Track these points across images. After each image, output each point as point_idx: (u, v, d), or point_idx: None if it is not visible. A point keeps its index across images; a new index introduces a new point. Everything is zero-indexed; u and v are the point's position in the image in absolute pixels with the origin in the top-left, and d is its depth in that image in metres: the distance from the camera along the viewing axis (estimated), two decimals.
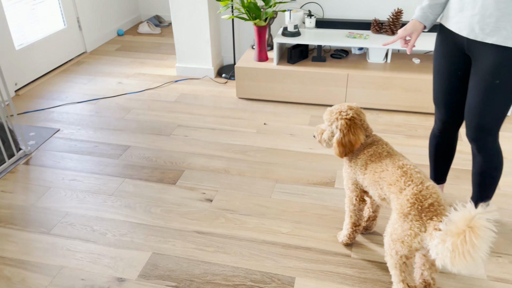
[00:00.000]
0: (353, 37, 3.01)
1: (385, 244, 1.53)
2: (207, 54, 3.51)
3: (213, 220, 2.05)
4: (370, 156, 1.62)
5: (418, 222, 1.38)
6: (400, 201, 1.45)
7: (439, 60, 1.73)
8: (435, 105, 1.85)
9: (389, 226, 1.50)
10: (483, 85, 1.54)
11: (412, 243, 1.40)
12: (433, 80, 1.80)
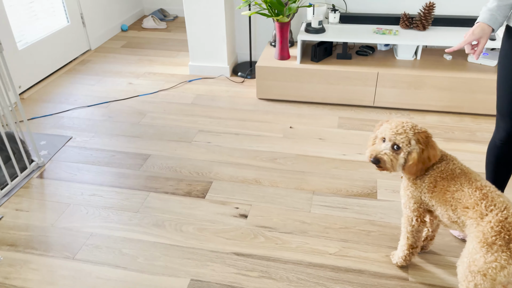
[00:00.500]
0: (382, 33, 2.84)
1: (459, 275, 1.38)
2: (223, 51, 3.31)
3: (252, 240, 1.89)
4: (440, 173, 1.46)
5: (505, 253, 1.23)
6: (481, 228, 1.30)
7: (508, 66, 1.57)
8: (500, 114, 1.68)
9: (465, 256, 1.35)
10: None
11: (497, 277, 1.25)
12: (499, 88, 1.64)
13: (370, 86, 2.82)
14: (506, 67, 1.58)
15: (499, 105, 1.67)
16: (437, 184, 1.46)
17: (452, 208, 1.40)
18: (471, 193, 1.37)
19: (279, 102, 3.00)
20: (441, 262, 1.76)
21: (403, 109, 2.86)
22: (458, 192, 1.40)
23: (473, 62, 2.85)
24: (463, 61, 2.87)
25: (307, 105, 2.95)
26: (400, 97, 2.82)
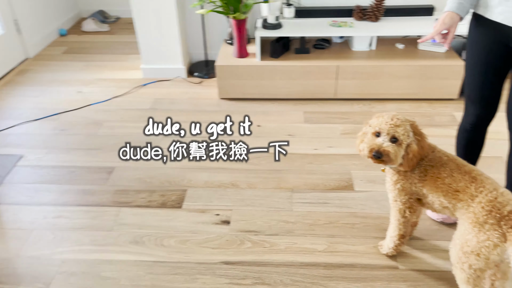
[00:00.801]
0: (338, 25, 2.86)
1: (452, 257, 1.41)
2: (177, 52, 3.19)
3: (239, 246, 1.83)
4: (429, 162, 1.49)
5: (497, 232, 1.27)
6: (473, 209, 1.33)
7: (476, 53, 1.62)
8: (469, 100, 1.74)
9: (457, 238, 1.38)
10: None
11: (491, 255, 1.29)
12: (468, 75, 1.69)
13: (331, 79, 2.85)
14: (473, 54, 1.64)
15: (467, 91, 1.73)
16: (427, 173, 1.48)
17: (443, 193, 1.43)
18: (461, 178, 1.40)
19: (242, 101, 2.94)
20: (425, 246, 1.81)
21: (364, 99, 2.91)
22: (449, 178, 1.43)
23: (424, 50, 2.96)
24: (415, 49, 2.98)
25: (271, 102, 2.93)
26: (360, 88, 2.87)
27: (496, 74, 1.61)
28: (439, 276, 1.67)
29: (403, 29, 2.80)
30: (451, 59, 2.80)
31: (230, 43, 3.16)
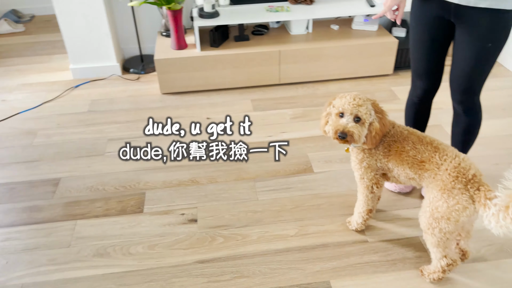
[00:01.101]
0: (275, 10, 2.87)
1: (423, 224, 1.49)
2: (109, 48, 3.01)
3: (210, 243, 1.79)
4: (391, 137, 1.55)
5: (465, 195, 1.37)
6: (440, 177, 1.41)
7: (421, 29, 1.69)
8: (415, 74, 1.83)
9: (427, 206, 1.46)
10: (474, 49, 1.55)
11: (460, 218, 1.38)
12: (413, 51, 1.77)
13: (274, 65, 2.85)
14: (418, 31, 1.71)
15: (414, 66, 1.81)
16: (391, 148, 1.54)
17: (409, 166, 1.50)
18: (424, 149, 1.48)
19: (186, 94, 2.85)
20: (388, 217, 1.89)
21: (307, 82, 2.96)
22: (412, 150, 1.50)
23: (357, 29, 3.07)
24: (349, 29, 3.07)
25: (216, 92, 2.87)
26: (302, 71, 2.91)
27: (440, 48, 1.70)
28: (406, 243, 1.76)
29: (337, 10, 2.87)
30: (383, 37, 2.93)
31: (166, 35, 3.04)
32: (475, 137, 1.84)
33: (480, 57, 1.56)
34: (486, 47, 1.53)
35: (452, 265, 1.50)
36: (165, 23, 3.03)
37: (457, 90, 1.70)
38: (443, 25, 1.62)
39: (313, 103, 2.74)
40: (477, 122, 1.79)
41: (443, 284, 1.59)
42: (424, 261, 1.68)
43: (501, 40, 1.52)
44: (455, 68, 1.66)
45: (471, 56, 1.57)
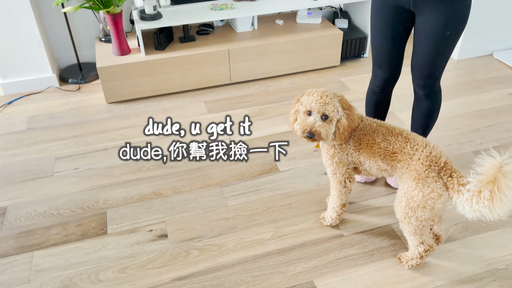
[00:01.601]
0: (220, 8, 2.80)
1: (399, 214, 1.52)
2: (43, 59, 2.77)
3: (186, 258, 1.70)
4: (361, 131, 1.55)
5: (439, 182, 1.40)
6: (413, 166, 1.44)
7: (381, 18, 1.70)
8: (376, 64, 1.86)
9: (402, 196, 1.48)
10: (434, 37, 1.59)
11: (436, 205, 1.42)
12: (374, 41, 1.79)
13: (224, 64, 2.79)
14: (378, 21, 1.73)
15: (374, 56, 1.84)
16: (361, 142, 1.55)
17: (381, 158, 1.51)
18: (394, 140, 1.50)
19: (134, 102, 2.71)
20: (359, 208, 1.92)
21: (259, 79, 2.93)
22: (383, 142, 1.51)
23: (302, 23, 3.08)
24: (293, 23, 3.08)
25: (167, 97, 2.75)
26: (253, 69, 2.87)
27: (400, 37, 1.73)
28: (379, 232, 1.79)
29: (281, 5, 2.85)
30: (327, 29, 2.97)
31: (105, 40, 2.86)
32: (434, 121, 1.91)
33: (439, 44, 1.61)
34: (444, 36, 1.58)
35: (429, 250, 1.54)
36: (103, 28, 2.85)
37: (419, 76, 1.75)
38: (403, 14, 1.65)
39: (268, 100, 2.72)
40: (437, 105, 1.85)
41: (420, 269, 1.63)
42: (399, 248, 1.72)
43: (458, 28, 1.58)
44: (416, 55, 1.70)
45: (431, 44, 1.62)
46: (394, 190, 1.99)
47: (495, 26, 3.08)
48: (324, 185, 2.03)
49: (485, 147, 2.25)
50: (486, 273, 1.62)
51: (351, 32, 3.12)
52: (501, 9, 3.00)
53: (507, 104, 2.62)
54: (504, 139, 2.32)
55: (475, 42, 3.10)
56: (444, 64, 1.69)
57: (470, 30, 3.03)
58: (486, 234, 1.77)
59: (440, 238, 1.67)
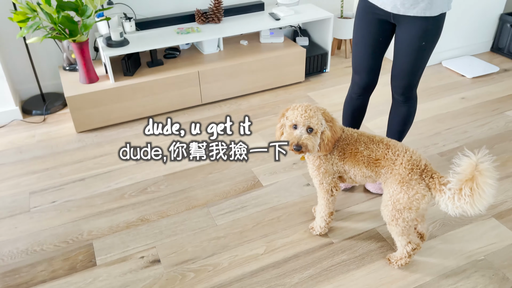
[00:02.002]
0: (186, 32, 2.84)
1: (386, 217, 1.60)
2: (5, 92, 2.68)
3: (182, 281, 1.69)
4: (343, 141, 1.64)
5: (422, 184, 1.51)
6: (397, 171, 1.53)
7: (363, 29, 1.82)
8: (355, 72, 1.96)
9: (387, 199, 1.57)
10: (411, 48, 1.73)
11: (421, 205, 1.51)
12: (354, 48, 1.90)
13: (194, 86, 2.82)
14: (359, 31, 1.85)
15: (355, 64, 1.94)
16: (345, 151, 1.63)
17: (365, 165, 1.60)
18: (376, 147, 1.59)
19: (106, 129, 2.66)
20: (344, 215, 1.99)
21: (229, 99, 2.98)
22: (366, 150, 1.60)
23: (265, 42, 3.18)
24: (257, 44, 3.18)
25: (139, 122, 2.73)
26: (223, 89, 2.92)
27: (380, 47, 1.85)
28: (366, 236, 1.87)
29: (244, 27, 2.94)
30: (290, 47, 3.09)
31: (70, 69, 2.81)
32: (409, 126, 2.04)
33: (416, 54, 1.74)
34: (421, 46, 1.72)
35: (416, 249, 1.64)
36: (67, 57, 2.80)
37: (398, 85, 1.88)
38: (385, 25, 1.78)
39: (241, 118, 2.76)
40: (413, 111, 1.98)
41: (409, 267, 1.72)
42: (387, 250, 1.80)
43: (433, 40, 1.73)
44: (395, 65, 1.84)
45: (409, 53, 1.75)
46: (373, 195, 2.09)
47: (442, 38, 3.34)
48: (308, 196, 2.10)
49: (447, 149, 2.43)
50: (468, 265, 1.73)
51: (312, 49, 3.26)
52: (449, 21, 3.26)
53: (460, 108, 2.83)
54: (463, 140, 2.50)
55: None
56: (420, 73, 1.83)
57: None
58: (462, 229, 1.90)
59: (424, 236, 1.77)
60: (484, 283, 1.65)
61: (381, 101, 2.83)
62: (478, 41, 3.54)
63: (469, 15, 3.35)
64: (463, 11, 3.29)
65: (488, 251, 1.79)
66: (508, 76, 3.23)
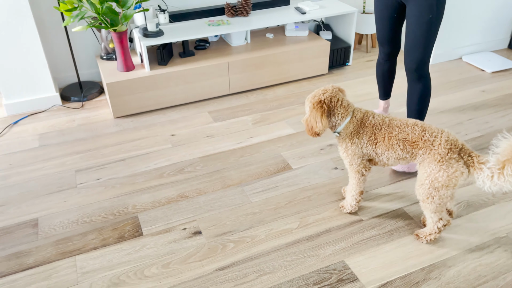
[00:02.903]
0: (217, 24, 2.97)
1: (421, 196, 1.69)
2: (47, 79, 2.83)
3: (223, 250, 1.82)
4: (373, 126, 1.74)
5: (460, 162, 1.60)
6: (436, 151, 1.62)
7: (381, 8, 2.20)
8: (380, 43, 2.34)
9: (425, 178, 1.65)
10: (421, 21, 2.00)
11: (458, 182, 1.61)
12: (377, 25, 2.26)
13: (224, 76, 2.95)
14: (379, 11, 2.23)
15: (378, 36, 2.32)
16: (376, 136, 1.73)
17: (400, 148, 1.70)
18: (412, 131, 1.69)
19: (141, 115, 2.81)
20: (371, 197, 2.11)
21: (256, 89, 3.11)
22: (401, 134, 1.70)
23: (290, 36, 3.31)
24: (283, 37, 3.30)
25: (171, 109, 2.88)
26: (250, 80, 3.05)
27: (396, 22, 2.22)
28: (394, 215, 1.99)
29: (271, 20, 3.06)
30: (315, 41, 3.21)
31: (107, 58, 2.96)
32: (427, 106, 2.22)
33: (426, 27, 2.00)
34: (429, 18, 1.98)
35: (446, 225, 1.75)
36: (104, 47, 2.95)
37: (411, 60, 2.10)
38: (397, 6, 2.13)
39: (268, 107, 2.90)
40: (428, 88, 2.17)
41: (435, 243, 1.83)
42: (414, 227, 1.92)
43: (439, 12, 1.99)
44: (408, 39, 2.09)
45: (419, 25, 2.01)
46: (398, 178, 2.20)
47: (462, 34, 3.44)
48: (336, 178, 2.22)
49: (470, 137, 2.53)
50: (491, 241, 1.84)
51: (336, 42, 3.37)
52: (466, 18, 3.36)
53: (481, 100, 2.93)
54: (485, 130, 2.60)
55: (446, 48, 3.44)
56: (431, 48, 2.06)
57: (441, 38, 3.36)
58: (486, 210, 2.00)
59: (453, 213, 1.88)
60: (506, 257, 1.76)
61: (403, 92, 2.94)
62: (496, 38, 3.62)
63: (487, 12, 3.44)
64: (481, 7, 3.38)
65: (510, 229, 1.89)
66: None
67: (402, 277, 1.69)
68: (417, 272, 1.71)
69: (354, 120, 1.75)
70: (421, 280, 1.68)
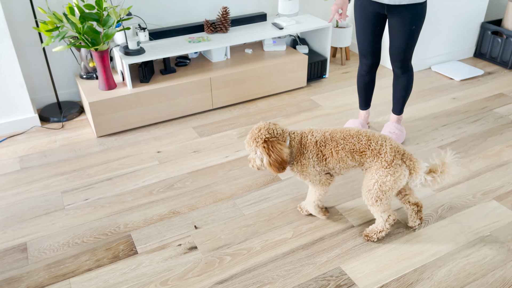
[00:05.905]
0: (197, 41, 3.01)
1: (370, 199, 1.77)
2: (25, 100, 2.78)
3: (220, 264, 1.83)
4: (316, 144, 1.78)
5: (403, 166, 1.73)
6: (382, 158, 1.72)
7: (363, 21, 2.29)
8: (361, 54, 2.44)
9: (371, 184, 1.74)
10: (404, 32, 2.22)
11: (402, 184, 1.74)
12: (357, 35, 2.36)
13: (206, 92, 2.98)
14: (361, 24, 2.32)
15: (359, 48, 2.42)
16: (324, 153, 1.79)
17: (350, 159, 1.77)
18: (358, 141, 1.75)
19: (124, 133, 2.79)
20: (360, 203, 2.17)
21: (238, 103, 3.15)
22: (347, 145, 1.76)
23: (268, 51, 3.38)
24: (261, 52, 3.37)
25: (155, 126, 2.87)
26: (232, 94, 3.09)
27: (377, 34, 2.34)
28: None
29: (250, 36, 3.13)
30: (293, 55, 3.29)
31: (87, 77, 2.93)
32: (409, 93, 2.52)
33: (408, 36, 2.23)
34: (411, 29, 2.18)
35: (395, 220, 1.86)
36: (84, 66, 2.93)
37: (396, 59, 2.35)
38: (379, 18, 2.25)
39: (251, 120, 2.94)
40: (411, 79, 2.47)
41: (424, 244, 1.91)
42: (402, 230, 1.99)
43: (420, 22, 2.21)
44: (392, 45, 2.31)
45: (402, 36, 2.23)
46: None
47: (431, 44, 3.61)
48: None
49: (446, 142, 2.65)
50: (477, 240, 1.93)
51: (312, 56, 3.47)
52: (434, 30, 3.54)
53: (453, 107, 3.08)
54: (459, 135, 2.73)
55: (416, 58, 3.60)
56: (413, 49, 2.31)
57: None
58: (468, 210, 2.10)
59: (419, 204, 1.94)
60: (492, 255, 1.85)
61: (381, 102, 3.05)
62: (462, 47, 3.83)
63: (454, 23, 3.64)
64: (448, 19, 3.58)
65: (493, 228, 1.99)
66: (492, 78, 3.51)
67: (397, 279, 1.75)
68: (410, 273, 1.78)
69: (294, 144, 1.79)
70: (414, 281, 1.74)
